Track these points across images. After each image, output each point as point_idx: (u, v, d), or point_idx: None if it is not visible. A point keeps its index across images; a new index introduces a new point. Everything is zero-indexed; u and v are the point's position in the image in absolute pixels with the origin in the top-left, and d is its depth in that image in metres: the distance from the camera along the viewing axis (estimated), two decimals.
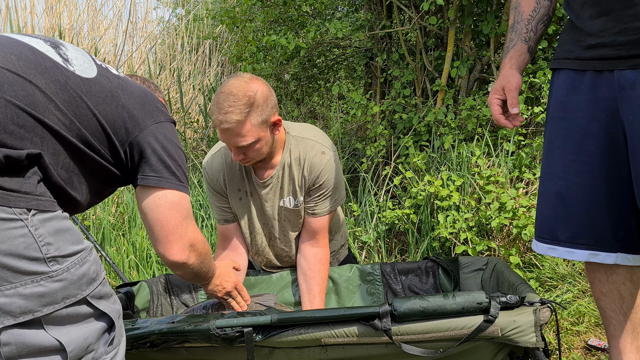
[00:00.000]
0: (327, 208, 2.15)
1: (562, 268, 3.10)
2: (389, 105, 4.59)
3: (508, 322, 1.52)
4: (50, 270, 1.08)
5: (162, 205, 1.40)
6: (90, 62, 1.37)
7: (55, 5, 6.27)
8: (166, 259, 1.48)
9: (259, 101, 1.91)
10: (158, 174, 1.39)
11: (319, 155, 2.09)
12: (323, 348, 1.62)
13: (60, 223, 1.14)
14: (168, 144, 1.40)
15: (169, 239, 1.44)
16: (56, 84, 1.23)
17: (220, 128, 1.89)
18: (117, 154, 1.36)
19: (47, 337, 1.09)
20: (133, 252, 3.56)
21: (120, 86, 1.38)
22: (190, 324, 1.58)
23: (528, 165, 3.73)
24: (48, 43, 1.32)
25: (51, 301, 1.09)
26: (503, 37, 4.44)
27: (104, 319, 1.22)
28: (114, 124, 1.33)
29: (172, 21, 8.55)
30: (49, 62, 1.25)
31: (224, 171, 2.15)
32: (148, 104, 1.41)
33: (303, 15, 5.63)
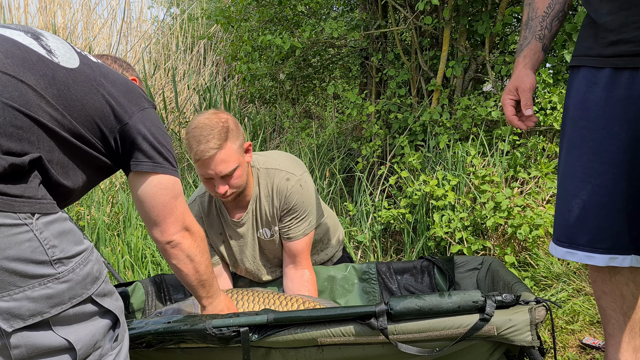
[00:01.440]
0: (302, 231, 2.18)
1: (556, 267, 3.11)
2: (385, 105, 4.60)
3: (504, 321, 1.52)
4: (57, 272, 1.10)
5: (159, 192, 1.43)
6: (71, 52, 1.36)
7: (50, 5, 6.25)
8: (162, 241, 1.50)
9: (232, 126, 1.95)
10: (152, 159, 1.40)
11: (284, 182, 2.13)
12: (319, 348, 1.62)
13: (62, 225, 1.15)
14: (156, 130, 1.42)
15: (165, 221, 1.46)
16: (44, 79, 1.22)
17: (203, 159, 1.89)
18: (108, 142, 1.37)
19: (56, 337, 1.11)
20: (128, 252, 3.55)
21: (103, 74, 1.38)
22: (186, 324, 1.58)
23: (523, 164, 3.74)
24: (29, 35, 1.30)
25: (59, 302, 1.10)
26: (498, 37, 4.46)
27: (109, 316, 1.24)
28: (102, 113, 1.33)
29: (167, 20, 8.54)
30: (35, 56, 1.24)
31: (202, 219, 2.21)
32: (131, 91, 1.42)
33: (298, 15, 5.63)
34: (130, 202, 3.98)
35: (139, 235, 3.66)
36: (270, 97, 6.41)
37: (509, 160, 3.70)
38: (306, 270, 2.22)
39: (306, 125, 5.79)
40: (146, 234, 3.81)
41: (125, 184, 4.48)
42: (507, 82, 4.74)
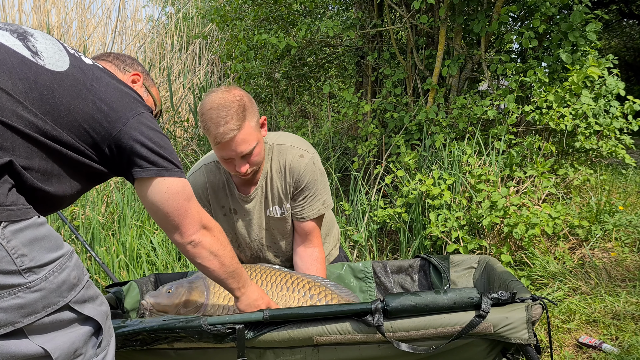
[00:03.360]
0: (315, 210, 2.14)
1: (552, 266, 3.11)
2: (380, 104, 4.59)
3: (500, 318, 1.52)
4: (27, 281, 1.05)
5: (172, 198, 1.40)
6: (62, 53, 1.30)
7: (44, 3, 6.22)
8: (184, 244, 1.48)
9: (248, 104, 1.90)
10: (155, 164, 1.36)
11: (297, 158, 2.08)
12: (315, 348, 1.61)
13: (34, 232, 1.09)
14: (154, 135, 1.37)
15: (183, 223, 1.45)
16: (24, 83, 1.16)
17: (224, 141, 1.84)
18: (100, 150, 1.31)
19: (32, 345, 1.07)
20: (123, 252, 3.53)
21: (96, 78, 1.32)
22: (181, 321, 1.57)
23: (519, 163, 3.74)
24: (15, 35, 1.25)
25: (31, 311, 1.06)
26: (494, 36, 4.46)
27: (91, 322, 1.19)
28: (92, 119, 1.27)
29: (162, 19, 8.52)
30: (16, 58, 1.19)
31: (207, 189, 2.15)
32: (126, 96, 1.36)
33: (294, 14, 5.62)
34: (125, 201, 3.96)
35: (133, 235, 3.65)
36: (266, 96, 6.39)
37: (505, 159, 3.70)
38: (316, 248, 2.18)
39: (302, 124, 5.78)
40: (141, 234, 3.79)
41: (120, 184, 4.46)
42: (503, 81, 4.76)
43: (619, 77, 4.05)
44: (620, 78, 4.07)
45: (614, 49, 13.95)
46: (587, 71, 3.60)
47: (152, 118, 1.42)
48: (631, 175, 5.24)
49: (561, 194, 4.03)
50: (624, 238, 3.43)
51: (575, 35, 3.77)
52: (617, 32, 15.12)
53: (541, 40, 4.15)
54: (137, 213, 4.01)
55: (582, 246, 3.42)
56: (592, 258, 3.20)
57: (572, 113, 3.71)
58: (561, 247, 3.37)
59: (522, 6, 4.27)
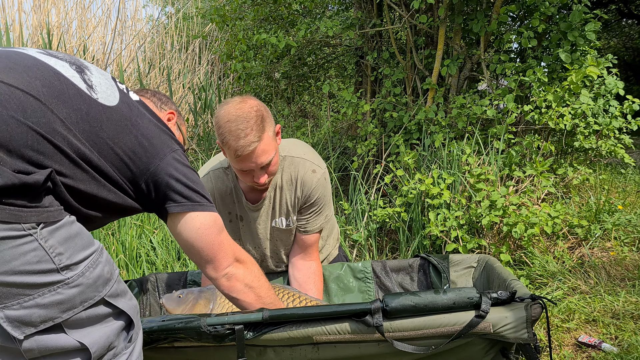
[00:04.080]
0: (318, 225, 2.16)
1: (552, 266, 3.11)
2: (380, 104, 4.60)
3: (500, 318, 1.52)
4: (65, 277, 1.10)
5: (206, 232, 1.44)
6: (113, 88, 1.37)
7: (44, 3, 6.21)
8: (219, 277, 1.52)
9: (265, 114, 1.88)
10: (189, 199, 1.41)
11: (310, 173, 2.07)
12: (315, 346, 1.61)
13: (68, 230, 1.14)
14: (187, 171, 1.42)
15: (217, 257, 1.49)
16: (77, 114, 1.22)
17: (245, 154, 1.82)
18: (138, 185, 1.36)
19: (69, 339, 1.12)
20: (122, 252, 3.53)
21: (140, 114, 1.38)
22: (181, 322, 1.57)
23: (518, 163, 3.74)
24: (74, 67, 1.31)
25: (70, 307, 1.11)
26: (493, 35, 4.46)
27: (123, 316, 1.24)
28: (134, 153, 1.32)
29: (162, 19, 8.51)
30: (73, 89, 1.24)
31: (214, 194, 2.13)
32: (163, 133, 1.42)
33: (293, 14, 5.62)
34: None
35: (133, 235, 3.65)
36: (266, 96, 6.40)
37: (504, 158, 3.71)
38: (314, 262, 2.20)
39: (301, 124, 5.78)
40: (140, 233, 3.79)
41: None
42: (502, 80, 4.76)
43: (618, 77, 4.05)
44: (619, 78, 4.07)
45: (613, 49, 13.96)
46: (586, 71, 3.60)
47: (184, 155, 1.47)
48: (630, 174, 5.25)
49: (560, 193, 4.04)
50: (623, 237, 3.43)
51: (574, 34, 3.77)
52: (616, 31, 15.13)
53: (540, 39, 4.15)
54: None
55: (582, 245, 3.42)
56: (591, 257, 3.21)
57: (571, 112, 3.71)
58: (560, 247, 3.38)
59: (521, 6, 4.27)
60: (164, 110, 1.71)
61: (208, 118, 6.33)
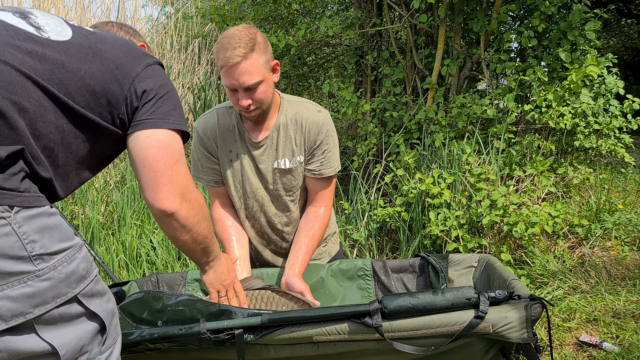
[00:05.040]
0: (333, 168, 2.17)
1: (552, 265, 3.11)
2: (380, 104, 4.59)
3: (499, 318, 1.52)
4: (37, 269, 1.05)
5: (150, 146, 1.31)
6: (62, 25, 1.30)
7: (43, 3, 6.21)
8: (155, 206, 1.36)
9: (260, 40, 1.95)
10: (150, 116, 1.31)
11: (316, 113, 2.12)
12: (314, 345, 1.61)
13: (46, 220, 1.10)
14: (162, 86, 1.34)
15: (157, 181, 1.32)
16: (33, 57, 1.16)
17: (227, 66, 1.89)
18: (119, 112, 1.28)
19: (39, 341, 1.06)
20: (123, 252, 3.53)
21: (99, 40, 1.31)
22: (181, 329, 1.56)
23: (518, 162, 3.74)
24: (17, 14, 1.26)
25: (41, 301, 1.05)
26: (493, 35, 4.46)
27: (97, 319, 1.18)
28: (105, 81, 1.26)
29: (161, 19, 8.51)
30: (22, 34, 1.19)
31: (216, 131, 2.16)
32: (132, 50, 1.34)
33: (293, 14, 5.62)
34: (125, 201, 3.96)
35: (133, 235, 3.65)
36: None
37: (505, 158, 3.71)
38: (323, 207, 2.20)
39: None
40: (140, 233, 3.79)
41: (120, 183, 4.46)
42: (502, 80, 4.76)
43: (618, 76, 4.05)
44: (619, 77, 4.07)
45: (613, 49, 13.96)
46: (586, 70, 3.60)
47: (162, 70, 1.39)
48: (630, 174, 5.25)
49: (561, 192, 4.04)
50: (624, 237, 3.43)
51: (574, 34, 3.77)
52: (615, 31, 15.14)
53: (540, 39, 4.15)
54: (136, 212, 4.00)
55: (582, 245, 3.42)
56: (592, 257, 3.21)
57: (571, 112, 3.71)
58: (561, 246, 3.38)
59: (521, 5, 4.27)
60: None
61: None
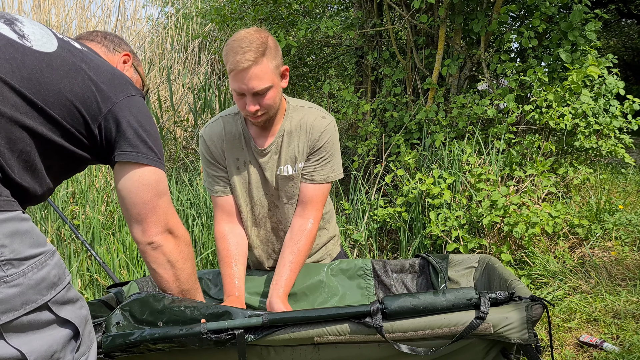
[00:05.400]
0: (324, 176, 2.13)
1: (553, 265, 3.11)
2: (380, 104, 4.59)
3: (500, 318, 1.52)
4: (5, 274, 1.02)
5: (141, 188, 1.33)
6: (50, 36, 1.29)
7: (43, 3, 6.21)
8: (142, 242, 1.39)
9: (271, 45, 1.93)
10: (136, 149, 1.31)
11: (320, 119, 2.10)
12: (315, 347, 1.61)
13: (16, 225, 1.07)
14: (143, 119, 1.33)
15: (146, 220, 1.36)
16: (11, 63, 1.14)
17: (237, 70, 1.86)
18: (91, 132, 1.28)
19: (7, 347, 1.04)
20: (123, 252, 3.53)
21: (85, 60, 1.29)
22: (181, 329, 1.56)
23: (519, 163, 3.74)
24: (2, 20, 1.24)
25: (9, 308, 1.03)
26: (493, 35, 4.46)
27: (69, 325, 1.15)
28: (84, 98, 1.25)
29: (161, 19, 8.51)
30: (2, 40, 1.17)
31: (223, 139, 2.14)
32: (117, 78, 1.33)
33: (293, 14, 5.62)
34: None
35: None
36: None
37: (505, 158, 3.71)
38: (311, 220, 2.14)
39: None
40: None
41: None
42: (502, 80, 4.75)
43: (618, 77, 4.05)
44: (619, 77, 4.07)
45: (613, 49, 13.96)
46: (586, 70, 3.60)
47: (143, 102, 1.39)
48: (631, 174, 5.25)
49: (561, 193, 4.04)
50: (624, 237, 3.43)
51: (574, 34, 3.77)
52: (615, 31, 15.14)
53: (541, 39, 4.15)
54: None
55: (582, 245, 3.42)
56: (592, 257, 3.21)
57: (571, 112, 3.71)
58: (561, 246, 3.38)
59: (521, 5, 4.27)
60: (117, 53, 1.63)
61: (208, 118, 6.33)
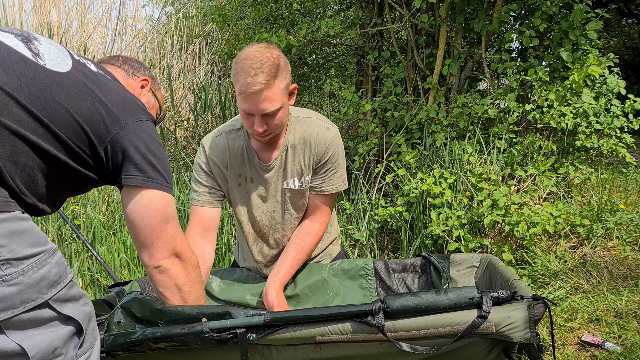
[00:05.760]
0: (334, 186, 2.12)
1: (554, 265, 3.11)
2: (381, 103, 4.59)
3: (502, 317, 1.51)
4: (4, 274, 1.03)
5: (148, 213, 1.35)
6: (65, 57, 1.30)
7: (44, 3, 6.21)
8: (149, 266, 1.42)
9: (282, 65, 1.88)
10: (144, 173, 1.33)
11: (324, 131, 2.07)
12: (317, 346, 1.61)
13: (15, 224, 1.07)
14: (151, 143, 1.34)
15: (154, 244, 1.38)
16: (21, 79, 1.16)
17: (248, 92, 1.82)
18: (96, 153, 1.29)
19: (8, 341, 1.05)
20: (124, 251, 3.53)
21: (97, 82, 1.31)
22: (183, 328, 1.56)
23: (520, 162, 3.74)
24: (19, 37, 1.25)
25: (8, 306, 1.04)
26: (494, 35, 4.45)
27: (72, 322, 1.16)
28: (91, 120, 1.26)
29: (162, 19, 8.51)
30: (15, 56, 1.19)
31: (225, 154, 2.10)
32: (128, 102, 1.34)
33: (294, 13, 5.62)
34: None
35: None
36: None
37: (506, 158, 3.70)
38: (318, 224, 2.15)
39: None
40: None
41: None
42: (503, 80, 4.75)
43: (619, 76, 4.04)
44: (620, 77, 4.07)
45: (613, 48, 13.95)
46: (587, 70, 3.60)
47: (153, 127, 1.40)
48: (632, 174, 5.24)
49: (562, 192, 4.03)
50: (625, 237, 3.43)
51: (575, 34, 3.77)
52: (616, 31, 15.13)
53: (542, 39, 4.15)
54: None
55: (584, 245, 3.42)
56: (593, 257, 3.20)
57: (572, 112, 3.71)
58: (562, 246, 3.37)
59: (522, 5, 4.27)
60: (136, 77, 1.65)
61: (208, 118, 6.33)
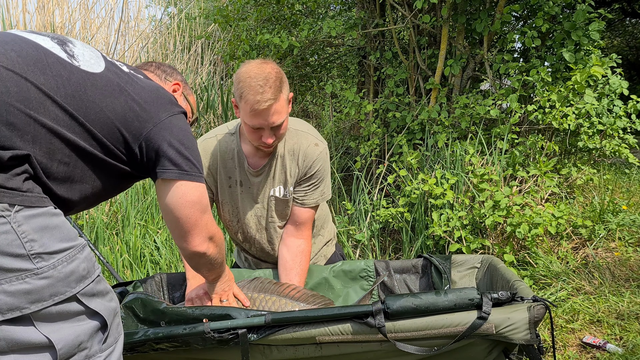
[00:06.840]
0: (315, 200, 2.20)
1: (556, 266, 3.10)
2: (383, 104, 4.59)
3: (502, 319, 1.52)
4: (35, 267, 1.07)
5: (185, 204, 1.42)
6: (98, 58, 1.36)
7: (47, 4, 6.22)
8: (188, 251, 1.52)
9: (283, 78, 1.98)
10: (178, 167, 1.38)
11: (313, 146, 2.14)
12: (318, 346, 1.62)
13: (47, 220, 1.12)
14: (183, 136, 1.40)
15: (191, 233, 1.47)
16: (57, 79, 1.20)
17: (260, 109, 1.89)
18: (131, 150, 1.35)
19: (37, 333, 1.09)
20: (127, 251, 3.53)
21: (129, 82, 1.37)
22: (185, 328, 1.57)
23: (521, 163, 3.73)
24: (55, 40, 1.30)
25: (38, 298, 1.08)
26: (496, 35, 4.45)
27: (98, 317, 1.20)
28: (125, 118, 1.31)
29: (164, 20, 8.52)
30: (52, 57, 1.23)
31: (217, 157, 2.18)
32: (161, 97, 1.40)
33: (296, 14, 5.62)
34: (129, 201, 3.97)
35: (137, 234, 3.65)
36: None
37: (508, 158, 3.70)
38: (304, 240, 2.22)
39: None
40: (144, 233, 3.80)
41: None
42: (505, 80, 4.75)
43: (622, 76, 4.04)
44: (623, 77, 4.06)
45: (617, 48, 13.91)
46: (590, 70, 3.59)
47: (185, 120, 1.46)
48: (634, 174, 5.23)
49: (564, 193, 4.03)
50: (628, 238, 3.42)
51: (578, 34, 3.76)
52: (619, 31, 15.08)
53: (544, 39, 4.14)
54: (140, 212, 4.01)
55: (586, 246, 3.41)
56: (595, 258, 3.20)
57: (575, 112, 3.70)
58: (564, 247, 3.37)
59: (524, 5, 4.26)
60: (168, 82, 1.72)
61: (211, 118, 6.34)
